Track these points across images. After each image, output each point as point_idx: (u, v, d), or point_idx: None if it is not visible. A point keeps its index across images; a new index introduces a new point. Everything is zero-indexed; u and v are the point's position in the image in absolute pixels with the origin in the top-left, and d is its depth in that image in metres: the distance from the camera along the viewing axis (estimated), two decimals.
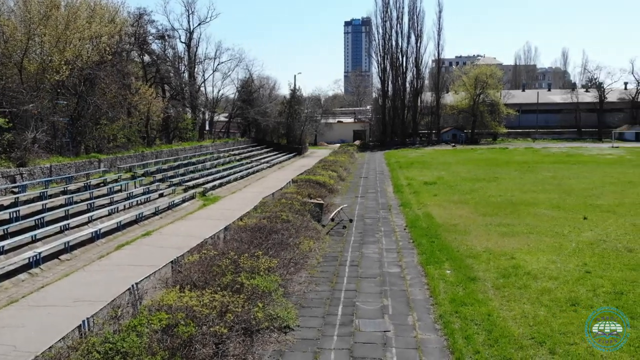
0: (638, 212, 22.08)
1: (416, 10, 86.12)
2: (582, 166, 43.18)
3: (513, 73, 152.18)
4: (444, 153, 63.36)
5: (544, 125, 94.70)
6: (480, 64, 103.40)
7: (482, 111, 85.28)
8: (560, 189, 29.47)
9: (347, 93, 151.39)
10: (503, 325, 10.29)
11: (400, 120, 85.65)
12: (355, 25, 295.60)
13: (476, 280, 13.24)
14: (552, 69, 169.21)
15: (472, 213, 22.63)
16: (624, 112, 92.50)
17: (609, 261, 14.64)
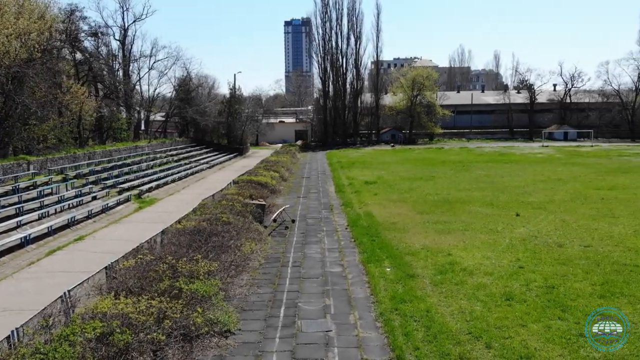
0: (567, 208, 23.22)
1: (355, 12, 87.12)
2: (514, 165, 45.05)
3: (448, 75, 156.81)
4: (384, 153, 64.45)
5: (478, 125, 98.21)
6: (417, 66, 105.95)
7: (419, 112, 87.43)
8: (494, 187, 30.60)
9: (288, 93, 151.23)
10: (441, 321, 10.53)
11: (342, 120, 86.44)
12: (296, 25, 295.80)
13: (415, 277, 13.50)
14: (485, 71, 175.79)
15: (410, 211, 23.10)
16: (553, 113, 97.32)
17: (541, 256, 15.29)
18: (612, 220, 20.28)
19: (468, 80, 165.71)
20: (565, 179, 33.71)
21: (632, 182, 32.12)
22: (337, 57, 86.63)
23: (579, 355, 8.93)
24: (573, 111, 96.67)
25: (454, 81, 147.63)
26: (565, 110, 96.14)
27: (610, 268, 13.93)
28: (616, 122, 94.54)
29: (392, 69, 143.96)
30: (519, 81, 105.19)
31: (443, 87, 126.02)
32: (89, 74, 43.48)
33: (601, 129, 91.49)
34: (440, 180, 34.49)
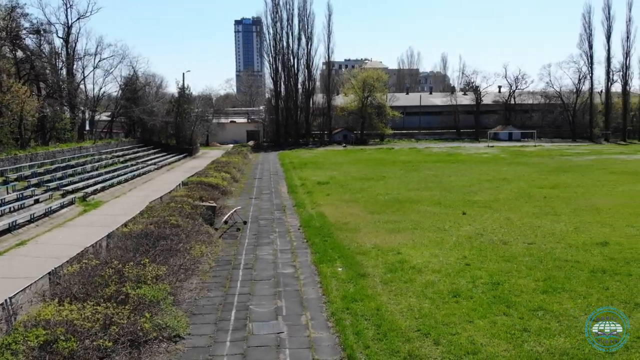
0: (512, 206, 24.02)
1: (306, 12, 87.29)
2: (461, 165, 46.26)
3: (398, 77, 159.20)
4: (336, 153, 64.86)
5: (427, 126, 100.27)
6: (367, 68, 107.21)
7: (370, 113, 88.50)
8: (442, 186, 31.33)
9: (239, 93, 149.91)
10: (391, 319, 10.69)
11: (294, 121, 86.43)
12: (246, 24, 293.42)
13: (366, 276, 13.64)
14: (433, 73, 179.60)
15: (362, 211, 23.35)
16: (498, 114, 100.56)
17: (486, 254, 15.74)
18: (554, 218, 21.12)
19: (417, 82, 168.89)
20: (509, 179, 34.88)
21: (573, 180, 33.59)
22: (288, 57, 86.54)
23: (523, 349, 9.26)
24: (517, 112, 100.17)
25: (403, 83, 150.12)
26: (509, 112, 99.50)
27: (553, 264, 14.49)
28: (558, 122, 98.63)
29: (343, 70, 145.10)
30: (465, 83, 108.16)
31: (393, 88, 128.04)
32: (31, 73, 41.81)
33: (544, 130, 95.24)
34: (390, 180, 35.01)
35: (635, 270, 13.73)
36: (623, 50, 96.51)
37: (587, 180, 33.84)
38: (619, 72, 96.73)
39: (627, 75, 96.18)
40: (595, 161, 49.32)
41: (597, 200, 25.61)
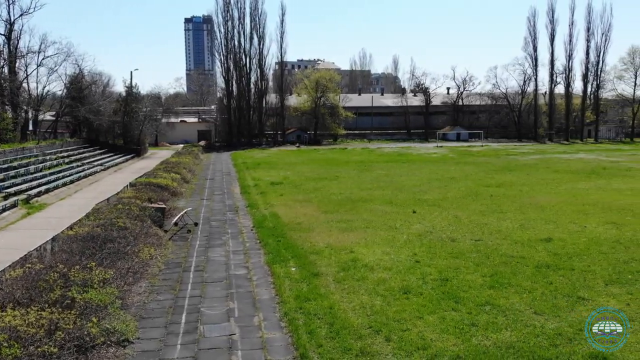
0: (460, 205, 24.65)
1: (258, 11, 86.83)
2: (412, 164, 47.12)
3: (350, 78, 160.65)
4: (289, 153, 64.80)
5: (378, 127, 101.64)
6: (320, 69, 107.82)
7: (324, 113, 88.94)
8: (393, 185, 31.82)
9: (190, 92, 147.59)
10: (344, 317, 10.77)
11: (246, 120, 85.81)
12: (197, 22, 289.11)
13: (319, 276, 13.69)
14: (384, 75, 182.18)
15: (315, 211, 23.42)
16: (447, 115, 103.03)
17: (436, 251, 16.09)
18: (500, 216, 21.80)
19: (369, 83, 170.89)
20: (457, 178, 35.78)
21: (518, 179, 34.78)
22: (240, 56, 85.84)
23: (471, 343, 9.51)
24: (465, 113, 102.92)
25: (356, 84, 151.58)
26: (458, 112, 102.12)
27: (499, 260, 14.95)
28: (504, 123, 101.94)
29: (296, 70, 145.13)
30: (415, 84, 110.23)
31: (345, 89, 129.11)
32: None
33: (491, 130, 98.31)
34: (344, 180, 35.28)
35: (577, 265, 14.33)
36: (566, 53, 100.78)
37: (531, 179, 35.12)
38: (562, 74, 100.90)
39: (570, 77, 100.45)
40: (539, 160, 51.23)
41: (541, 198, 26.61)
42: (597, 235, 17.85)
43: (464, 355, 9.04)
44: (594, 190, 29.11)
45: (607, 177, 35.59)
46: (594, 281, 12.91)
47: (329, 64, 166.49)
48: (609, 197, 26.45)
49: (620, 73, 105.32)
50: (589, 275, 13.40)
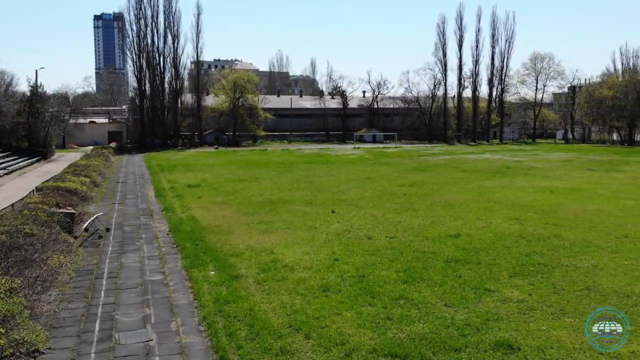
0: (376, 204, 25.39)
1: (172, 10, 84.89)
2: (331, 165, 47.89)
3: (269, 79, 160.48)
4: (207, 155, 63.68)
5: (298, 128, 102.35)
6: (238, 69, 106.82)
7: (242, 114, 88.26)
8: (312, 186, 32.22)
9: (99, 91, 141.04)
10: (264, 318, 10.82)
11: (161, 121, 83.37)
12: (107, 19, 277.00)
13: (239, 278, 13.63)
14: (303, 77, 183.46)
15: (235, 213, 23.23)
16: (363, 117, 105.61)
17: (353, 249, 16.50)
18: (413, 213, 22.71)
19: (288, 85, 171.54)
20: (373, 178, 36.82)
21: (429, 179, 36.34)
22: (153, 55, 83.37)
23: (386, 337, 9.89)
24: (380, 116, 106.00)
25: (275, 85, 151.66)
26: (373, 115, 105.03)
27: (412, 256, 15.59)
28: (416, 125, 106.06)
29: (213, 70, 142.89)
30: (332, 87, 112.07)
31: (264, 90, 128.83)
32: None
33: (404, 132, 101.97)
34: (264, 181, 35.23)
35: (483, 259, 15.23)
36: (473, 59, 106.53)
37: (441, 178, 36.83)
38: (470, 79, 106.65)
39: (477, 81, 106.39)
40: (449, 161, 53.78)
41: (450, 196, 27.99)
42: (501, 231, 19.05)
43: (380, 348, 9.39)
44: (499, 189, 31.03)
45: (511, 176, 38.04)
46: (499, 274, 13.78)
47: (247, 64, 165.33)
48: (513, 195, 28.30)
49: (522, 78, 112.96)
50: (494, 268, 14.28)
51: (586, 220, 20.84)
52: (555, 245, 16.81)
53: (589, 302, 11.56)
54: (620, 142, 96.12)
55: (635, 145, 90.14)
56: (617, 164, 49.85)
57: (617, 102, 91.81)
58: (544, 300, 11.76)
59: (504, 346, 9.42)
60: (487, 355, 9.12)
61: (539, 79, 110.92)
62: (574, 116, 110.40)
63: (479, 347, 9.44)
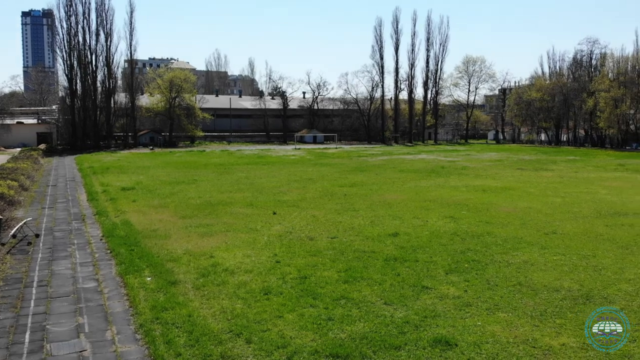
0: (317, 204, 25.50)
1: (104, 7, 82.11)
2: (272, 166, 47.69)
3: (206, 78, 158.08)
4: (142, 156, 61.89)
5: (238, 129, 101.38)
6: (174, 68, 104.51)
7: (179, 114, 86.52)
8: (253, 188, 31.97)
9: (27, 91, 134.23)
10: (203, 324, 10.62)
11: (93, 122, 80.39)
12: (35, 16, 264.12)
13: (177, 284, 13.31)
14: (242, 77, 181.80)
15: (172, 217, 22.68)
16: (304, 118, 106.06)
17: (295, 250, 16.49)
18: (353, 214, 22.98)
19: (226, 84, 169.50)
20: (314, 179, 36.99)
21: (368, 179, 36.90)
22: (85, 53, 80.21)
23: (328, 337, 9.93)
24: (320, 117, 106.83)
25: (213, 85, 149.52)
26: (313, 116, 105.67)
27: (352, 255, 15.76)
28: (355, 126, 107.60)
29: (148, 69, 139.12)
30: (272, 88, 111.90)
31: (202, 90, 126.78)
32: None
33: (344, 133, 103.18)
34: (202, 183, 34.61)
35: (421, 256, 15.61)
36: (409, 62, 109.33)
37: (380, 178, 37.48)
38: (406, 81, 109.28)
39: (412, 84, 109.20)
40: (387, 161, 54.83)
41: (389, 196, 28.53)
42: (437, 229, 19.60)
43: (322, 349, 9.42)
44: (434, 188, 31.93)
45: (445, 176, 39.24)
46: (436, 271, 14.16)
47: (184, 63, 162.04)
48: (447, 194, 29.20)
49: (456, 80, 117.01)
50: (431, 265, 14.67)
51: (517, 218, 21.79)
52: (488, 242, 17.46)
53: (521, 297, 12.08)
54: (548, 142, 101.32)
55: (561, 145, 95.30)
56: (545, 163, 52.48)
57: (545, 103, 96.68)
58: (478, 296, 12.18)
59: (441, 342, 9.67)
60: (425, 352, 9.33)
61: (471, 82, 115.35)
62: (504, 117, 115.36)
63: (418, 344, 9.66)
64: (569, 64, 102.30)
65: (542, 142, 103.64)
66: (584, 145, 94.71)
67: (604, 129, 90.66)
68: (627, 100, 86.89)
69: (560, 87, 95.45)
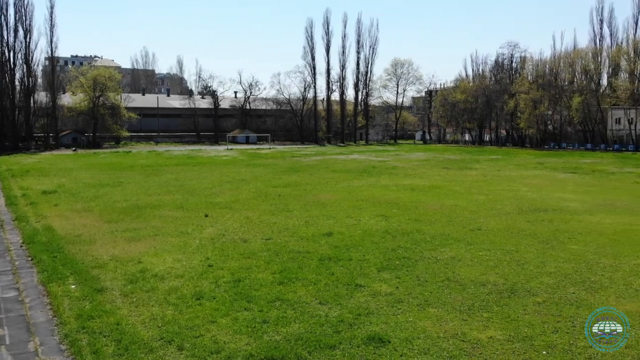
0: (251, 206, 25.26)
1: (23, 2, 77.63)
2: (203, 167, 46.81)
3: (132, 77, 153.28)
4: (65, 158, 59.04)
5: (166, 129, 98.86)
6: (98, 66, 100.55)
7: (104, 114, 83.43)
8: (184, 189, 31.24)
9: None
10: (132, 332, 10.24)
11: (11, 122, 76.06)
12: None
13: (104, 291, 12.76)
14: (170, 75, 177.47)
15: (97, 221, 21.75)
16: (236, 118, 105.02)
17: (228, 253, 16.23)
18: (288, 214, 22.96)
19: (153, 83, 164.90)
20: (248, 179, 36.66)
21: (302, 179, 37.02)
22: (3, 50, 75.66)
23: (263, 340, 9.84)
24: (252, 117, 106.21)
25: (139, 84, 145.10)
26: (246, 116, 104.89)
27: (287, 256, 15.72)
28: (288, 127, 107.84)
29: (70, 66, 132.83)
30: (202, 87, 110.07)
31: (128, 88, 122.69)
32: None
33: (277, 134, 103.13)
34: (129, 185, 33.44)
35: (354, 255, 15.80)
36: (340, 63, 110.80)
37: (314, 178, 37.71)
38: (337, 83, 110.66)
39: (344, 85, 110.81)
40: (320, 161, 55.26)
41: (322, 196, 28.75)
42: (369, 227, 19.94)
43: (256, 352, 9.32)
44: (366, 187, 32.50)
45: (377, 175, 40.04)
46: (369, 269, 14.39)
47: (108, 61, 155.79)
48: (378, 193, 29.80)
49: (385, 82, 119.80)
50: (364, 264, 14.89)
51: (444, 215, 22.56)
52: (417, 239, 17.95)
53: (450, 292, 12.49)
54: (472, 142, 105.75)
55: (485, 145, 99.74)
56: (469, 162, 54.71)
57: (469, 105, 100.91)
58: (409, 292, 12.48)
59: (375, 340, 9.81)
60: (359, 350, 9.45)
61: (400, 84, 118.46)
62: (430, 118, 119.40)
63: (352, 342, 9.76)
64: (491, 66, 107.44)
65: (466, 142, 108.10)
66: (506, 144, 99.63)
67: (524, 129, 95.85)
68: (545, 101, 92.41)
69: (483, 89, 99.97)
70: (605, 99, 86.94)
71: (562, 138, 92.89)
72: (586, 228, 19.77)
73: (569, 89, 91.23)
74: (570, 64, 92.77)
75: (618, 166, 50.86)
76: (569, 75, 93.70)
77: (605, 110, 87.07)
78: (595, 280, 13.28)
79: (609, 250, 16.29)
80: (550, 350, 9.37)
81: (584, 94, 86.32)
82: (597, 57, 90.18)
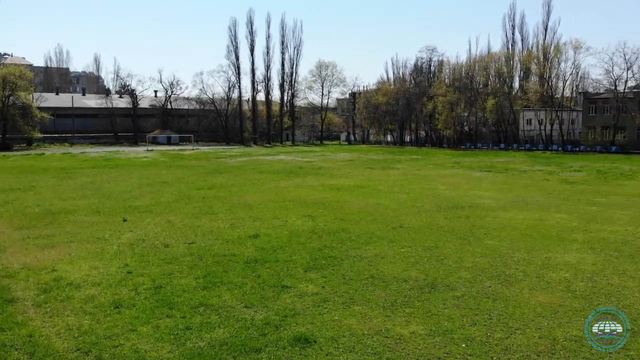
0: (173, 209, 24.56)
1: None
2: (121, 169, 45.04)
3: (45, 75, 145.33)
4: None
5: (81, 130, 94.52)
6: (8, 64, 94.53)
7: (14, 114, 78.59)
8: (100, 193, 29.91)
9: None
10: (46, 344, 9.67)
11: None
12: None
13: (15, 302, 11.96)
14: (85, 74, 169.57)
15: (7, 228, 20.36)
16: (156, 118, 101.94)
17: (149, 258, 15.67)
18: (212, 217, 22.53)
19: (68, 82, 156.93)
20: (170, 182, 35.66)
21: (228, 181, 36.51)
22: None
23: (186, 347, 9.59)
24: (174, 117, 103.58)
25: (52, 82, 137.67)
26: (167, 116, 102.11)
27: (212, 260, 15.41)
28: (213, 127, 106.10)
29: None
30: (120, 86, 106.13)
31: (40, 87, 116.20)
32: None
33: (201, 134, 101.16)
34: (42, 190, 31.60)
35: (281, 256, 15.75)
36: (265, 64, 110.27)
37: (240, 179, 37.30)
38: (262, 83, 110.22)
39: (269, 85, 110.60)
40: (246, 162, 54.77)
41: (249, 197, 28.48)
42: (296, 228, 19.97)
43: None
44: (293, 188, 32.56)
45: (303, 176, 40.23)
46: (295, 269, 14.39)
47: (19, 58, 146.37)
48: (305, 193, 29.95)
49: (310, 84, 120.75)
50: (291, 264, 14.87)
51: (368, 214, 23.02)
52: (343, 238, 18.19)
53: (374, 289, 12.75)
54: (394, 143, 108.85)
55: (405, 146, 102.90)
56: (391, 162, 56.23)
57: (390, 107, 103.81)
58: (335, 291, 12.61)
59: (301, 340, 9.83)
60: (285, 352, 9.43)
61: (325, 86, 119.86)
62: (354, 120, 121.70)
63: (278, 344, 9.72)
64: (410, 70, 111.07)
65: (388, 143, 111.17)
66: (425, 145, 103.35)
67: (442, 130, 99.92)
68: (462, 103, 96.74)
69: (404, 92, 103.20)
70: (517, 101, 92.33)
71: (478, 138, 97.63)
72: (500, 224, 20.86)
73: (484, 91, 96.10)
74: (484, 67, 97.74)
75: (529, 165, 54.16)
76: (484, 79, 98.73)
77: (517, 112, 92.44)
78: (509, 273, 14.02)
79: (522, 245, 17.27)
80: (469, 342, 9.77)
81: (497, 97, 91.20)
82: (510, 61, 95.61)
